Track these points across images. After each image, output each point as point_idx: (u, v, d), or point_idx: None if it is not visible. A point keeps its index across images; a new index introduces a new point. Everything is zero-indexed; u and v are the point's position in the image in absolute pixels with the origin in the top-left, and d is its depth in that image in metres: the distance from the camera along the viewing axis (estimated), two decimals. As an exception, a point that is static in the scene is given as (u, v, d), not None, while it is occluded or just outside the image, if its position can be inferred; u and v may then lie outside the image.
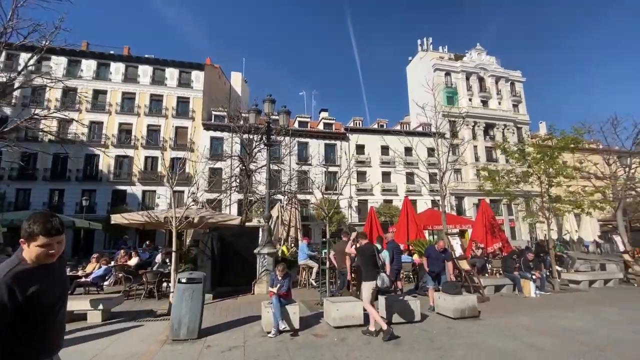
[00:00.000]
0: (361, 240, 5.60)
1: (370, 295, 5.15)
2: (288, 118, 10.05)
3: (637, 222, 25.23)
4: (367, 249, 5.39)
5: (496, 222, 13.91)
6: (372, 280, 5.13)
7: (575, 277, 9.82)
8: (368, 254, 5.31)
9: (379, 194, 35.74)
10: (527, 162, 10.43)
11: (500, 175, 10.97)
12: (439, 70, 41.07)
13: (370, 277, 5.17)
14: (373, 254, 5.29)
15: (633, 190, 11.29)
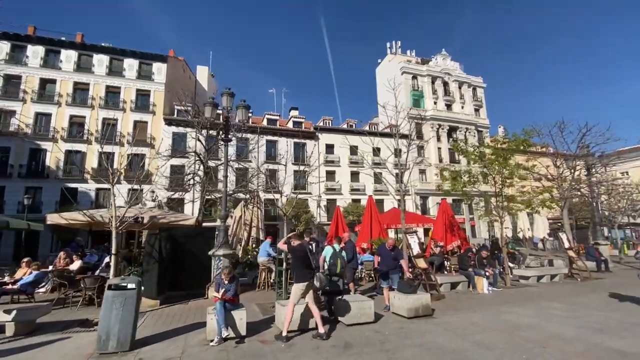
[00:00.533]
0: (294, 240, 5.37)
1: (299, 296, 4.94)
2: (247, 113, 9.61)
3: (582, 220, 27.39)
4: (299, 249, 5.20)
5: (455, 220, 14.33)
6: (303, 281, 4.94)
7: (525, 273, 10.28)
8: (299, 254, 5.12)
9: (347, 194, 35.97)
10: (483, 162, 10.79)
11: (457, 175, 11.25)
12: (406, 74, 42.12)
13: (300, 279, 4.98)
14: (305, 254, 5.11)
15: (578, 191, 12.10)
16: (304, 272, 5.00)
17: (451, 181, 11.32)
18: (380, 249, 7.41)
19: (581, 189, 13.00)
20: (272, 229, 31.99)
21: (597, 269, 12.57)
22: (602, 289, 8.91)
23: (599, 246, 13.43)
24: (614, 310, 6.43)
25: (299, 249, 5.17)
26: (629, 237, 25.48)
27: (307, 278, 4.95)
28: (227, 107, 9.53)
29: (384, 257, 7.08)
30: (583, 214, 27.08)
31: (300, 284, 4.95)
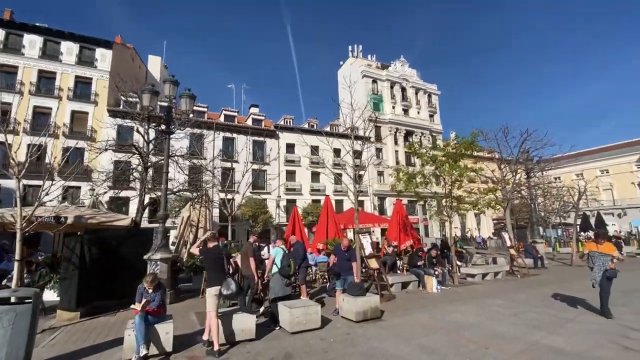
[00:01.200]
0: (210, 243, 4.96)
1: (216, 301, 4.53)
2: (192, 103, 8.83)
3: (521, 220, 29.77)
4: (212, 251, 4.85)
5: (408, 220, 14.57)
6: (217, 285, 4.56)
7: (471, 271, 10.66)
8: (212, 257, 4.78)
9: (307, 194, 35.67)
10: (435, 164, 11.03)
11: (412, 176, 11.40)
12: (366, 77, 42.95)
13: (214, 282, 4.60)
14: (219, 257, 4.78)
15: (519, 193, 12.96)
16: (217, 276, 4.63)
17: (406, 181, 11.42)
18: (336, 249, 7.13)
19: (522, 191, 13.94)
20: (226, 230, 30.68)
21: (535, 265, 13.52)
22: (538, 285, 9.46)
23: (536, 244, 14.46)
24: (549, 306, 6.74)
25: (213, 252, 4.82)
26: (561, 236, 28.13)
27: (219, 282, 4.57)
28: (170, 97, 8.69)
29: (339, 258, 6.81)
30: (522, 215, 29.46)
31: (213, 288, 4.55)
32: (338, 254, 6.84)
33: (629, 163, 43.61)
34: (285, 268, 5.33)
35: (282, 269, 5.34)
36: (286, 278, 5.32)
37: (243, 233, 30.76)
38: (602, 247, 5.93)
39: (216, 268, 4.70)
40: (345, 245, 6.82)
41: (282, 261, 5.39)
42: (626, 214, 42.71)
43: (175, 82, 8.82)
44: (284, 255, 5.48)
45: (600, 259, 5.77)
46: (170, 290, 8.03)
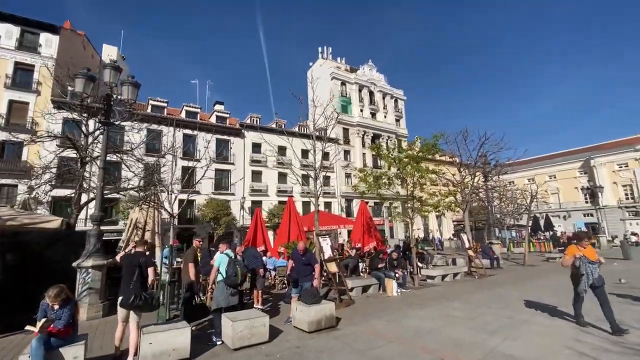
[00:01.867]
0: (137, 248, 4.52)
1: (124, 314, 4.13)
2: (134, 92, 7.95)
3: (479, 222, 31.16)
4: (129, 258, 4.47)
5: (372, 222, 14.44)
6: (120, 295, 4.19)
7: (431, 272, 10.66)
8: (127, 264, 4.38)
9: (274, 195, 34.84)
10: (398, 165, 10.96)
11: (374, 177, 11.24)
12: (335, 79, 43.05)
13: (120, 293, 4.24)
14: (132, 264, 4.33)
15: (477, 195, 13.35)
16: (124, 286, 4.26)
17: (371, 183, 11.23)
18: (293, 253, 6.65)
19: (479, 194, 14.39)
20: (187, 232, 29.03)
21: (491, 266, 13.92)
22: (494, 285, 9.61)
23: (492, 245, 14.95)
24: (504, 307, 6.74)
25: (129, 259, 4.42)
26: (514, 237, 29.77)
27: (124, 292, 4.15)
28: (110, 83, 7.75)
29: (296, 262, 6.35)
30: (480, 217, 30.82)
31: (119, 298, 4.14)
32: (295, 258, 6.38)
33: (574, 169, 47.48)
34: (231, 277, 4.74)
35: (227, 278, 4.75)
36: (232, 287, 4.73)
37: (204, 235, 29.28)
38: (586, 251, 5.29)
39: (126, 277, 4.29)
40: (301, 248, 6.38)
41: (228, 269, 4.79)
42: (570, 216, 46.44)
43: (117, 67, 7.92)
44: (229, 262, 4.86)
45: (589, 266, 5.14)
46: (104, 301, 7.10)
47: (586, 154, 46.73)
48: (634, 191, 41.67)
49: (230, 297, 4.68)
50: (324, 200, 38.46)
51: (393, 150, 11.56)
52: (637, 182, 41.10)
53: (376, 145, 11.68)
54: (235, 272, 4.70)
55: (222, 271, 4.80)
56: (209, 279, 4.84)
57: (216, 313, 4.77)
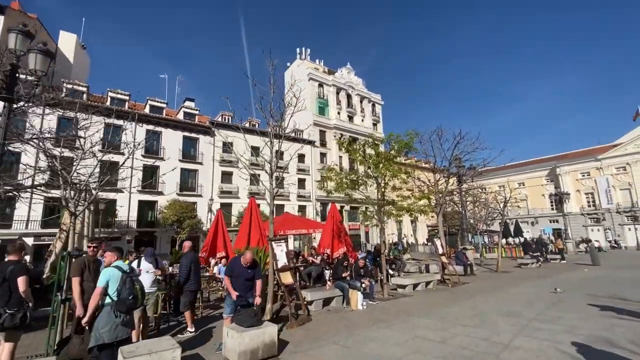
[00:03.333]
0: (8, 256, 3.23)
1: None
2: (45, 62, 6.49)
3: (452, 227, 31.12)
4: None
5: (343, 226, 13.47)
6: None
7: (402, 281, 9.77)
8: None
9: (245, 197, 33.17)
10: (368, 163, 10.08)
11: (341, 176, 10.28)
12: (313, 80, 42.20)
13: None
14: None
15: (451, 199, 12.80)
16: None
17: (339, 179, 10.25)
18: (233, 264, 5.34)
19: (454, 197, 13.84)
20: (146, 237, 26.84)
21: (464, 272, 13.30)
22: (469, 295, 8.84)
23: (466, 250, 14.38)
24: (480, 324, 5.87)
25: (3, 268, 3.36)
26: (487, 242, 29.90)
27: None
28: (16, 51, 6.27)
29: (238, 275, 5.07)
30: (454, 222, 30.77)
31: None
32: (236, 270, 5.10)
33: (541, 177, 49.13)
34: (126, 301, 3.38)
35: (120, 301, 3.39)
36: (124, 314, 3.41)
37: (167, 240, 27.23)
38: None
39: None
40: (248, 259, 5.10)
41: (121, 289, 3.42)
42: (538, 222, 47.90)
43: (26, 32, 6.44)
44: (122, 278, 3.49)
45: None
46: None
47: (552, 162, 48.53)
48: (595, 199, 43.54)
49: (120, 327, 3.35)
50: (298, 203, 37.30)
51: (363, 145, 10.66)
52: (598, 190, 42.97)
53: (345, 141, 10.66)
54: (132, 292, 3.39)
55: (111, 291, 3.45)
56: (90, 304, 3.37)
57: (102, 352, 3.30)
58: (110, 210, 25.10)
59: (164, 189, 28.13)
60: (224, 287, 8.81)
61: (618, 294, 8.13)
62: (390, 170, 9.72)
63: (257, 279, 5.20)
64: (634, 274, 12.41)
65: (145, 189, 27.37)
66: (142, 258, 5.46)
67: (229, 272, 5.12)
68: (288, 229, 15.08)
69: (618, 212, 41.04)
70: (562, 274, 13.24)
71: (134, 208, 26.77)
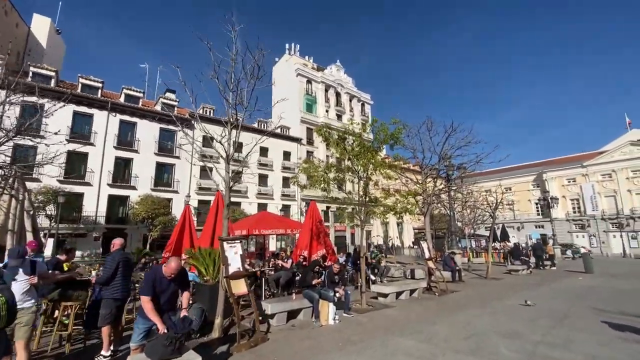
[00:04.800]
0: None
1: None
2: None
3: (439, 230, 30.28)
4: None
5: (323, 226, 12.25)
6: None
7: (384, 289, 8.56)
8: None
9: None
10: (347, 154, 8.88)
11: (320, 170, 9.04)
12: (301, 76, 40.94)
13: None
14: None
15: (439, 197, 11.77)
16: None
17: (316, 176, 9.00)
18: (153, 278, 3.69)
19: (441, 195, 12.84)
20: (116, 234, 24.96)
21: (452, 279, 12.25)
22: (459, 307, 7.71)
23: (454, 255, 13.33)
24: (476, 351, 4.68)
25: None
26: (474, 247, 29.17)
27: None
28: None
29: (161, 292, 3.69)
30: (441, 225, 29.92)
31: None
32: (158, 287, 3.70)
33: (528, 182, 49.11)
34: None
35: None
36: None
37: (138, 238, 25.41)
38: None
39: None
40: (173, 269, 3.73)
41: None
42: (524, 227, 47.82)
43: None
44: None
45: None
46: None
47: (539, 168, 48.59)
48: (580, 205, 43.65)
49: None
50: (282, 202, 35.87)
51: (344, 133, 9.49)
52: (583, 196, 43.07)
53: (323, 128, 9.45)
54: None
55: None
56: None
57: None
58: (75, 204, 23.19)
59: (137, 184, 26.35)
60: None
61: (627, 309, 7.12)
62: (372, 163, 8.54)
63: (185, 290, 3.90)
64: (633, 284, 11.56)
65: (116, 183, 25.55)
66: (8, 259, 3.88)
67: (148, 291, 3.65)
68: (264, 229, 13.73)
69: (603, 219, 41.15)
70: (556, 281, 12.32)
71: (103, 203, 24.88)
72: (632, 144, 40.58)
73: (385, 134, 8.49)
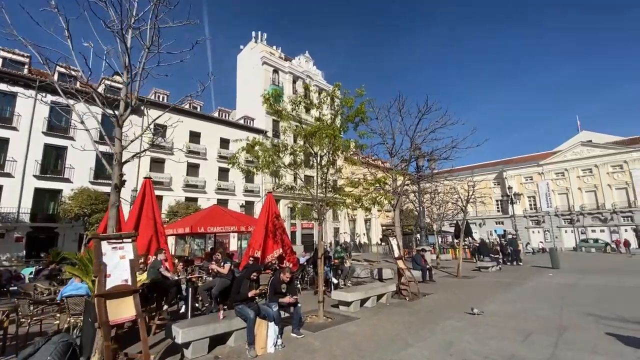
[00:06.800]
0: None
1: None
2: None
3: (407, 227, 29.71)
4: None
5: (280, 223, 10.58)
6: None
7: (345, 296, 7.02)
8: None
9: (180, 190, 28.77)
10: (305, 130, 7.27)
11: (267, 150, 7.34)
12: (267, 65, 38.65)
13: None
14: None
15: (410, 188, 10.62)
16: None
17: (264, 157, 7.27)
18: None
19: (412, 185, 11.72)
20: (44, 233, 21.45)
21: (423, 278, 11.10)
22: (434, 319, 6.36)
23: (424, 252, 12.21)
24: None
25: None
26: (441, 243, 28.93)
27: None
28: None
29: None
30: (409, 222, 29.35)
31: None
32: None
33: (489, 180, 50.59)
34: None
35: None
36: None
37: (73, 238, 22.03)
38: None
39: None
40: None
41: None
42: (485, 223, 49.24)
43: None
44: None
45: None
46: None
47: (500, 166, 50.23)
48: (536, 202, 45.59)
49: None
50: (245, 198, 33.55)
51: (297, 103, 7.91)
52: (539, 194, 44.99)
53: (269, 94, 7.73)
54: None
55: None
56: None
57: None
58: (-12, 198, 19.51)
59: (72, 176, 22.89)
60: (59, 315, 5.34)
61: (623, 313, 6.15)
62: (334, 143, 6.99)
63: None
64: (608, 280, 11.03)
65: (46, 175, 21.96)
66: None
67: None
68: (212, 226, 11.76)
69: (556, 215, 43.21)
70: (529, 279, 11.57)
71: (28, 197, 21.25)
72: (582, 144, 42.94)
73: (349, 106, 6.95)
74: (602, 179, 40.21)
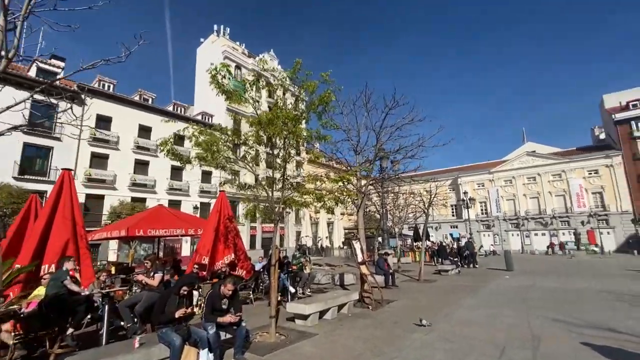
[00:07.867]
0: None
1: None
2: None
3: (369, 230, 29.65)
4: None
5: (233, 225, 9.44)
6: None
7: (302, 308, 6.15)
8: None
9: (125, 189, 26.05)
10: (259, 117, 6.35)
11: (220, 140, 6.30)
12: (229, 59, 36.82)
13: None
14: None
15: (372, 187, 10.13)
16: None
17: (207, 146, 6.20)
18: None
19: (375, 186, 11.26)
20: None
21: (385, 283, 10.58)
22: (401, 330, 5.73)
23: (387, 256, 11.74)
24: None
25: None
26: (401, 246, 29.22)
27: None
28: None
29: None
30: (370, 225, 29.27)
31: None
32: None
33: (445, 186, 52.87)
34: None
35: None
36: None
37: None
38: None
39: None
40: None
41: None
42: (441, 227, 51.25)
43: None
44: None
45: None
46: None
47: (455, 173, 52.76)
48: (487, 207, 48.36)
49: None
50: (200, 199, 31.42)
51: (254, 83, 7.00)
52: (489, 199, 47.79)
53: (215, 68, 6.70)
54: None
55: None
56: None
57: None
58: None
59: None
60: None
61: (587, 317, 5.97)
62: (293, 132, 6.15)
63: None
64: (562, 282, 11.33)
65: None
66: None
67: None
68: (154, 228, 10.24)
69: (505, 220, 46.13)
70: (488, 282, 11.57)
71: None
72: (527, 154, 46.45)
73: (311, 91, 6.15)
74: (544, 186, 43.64)
